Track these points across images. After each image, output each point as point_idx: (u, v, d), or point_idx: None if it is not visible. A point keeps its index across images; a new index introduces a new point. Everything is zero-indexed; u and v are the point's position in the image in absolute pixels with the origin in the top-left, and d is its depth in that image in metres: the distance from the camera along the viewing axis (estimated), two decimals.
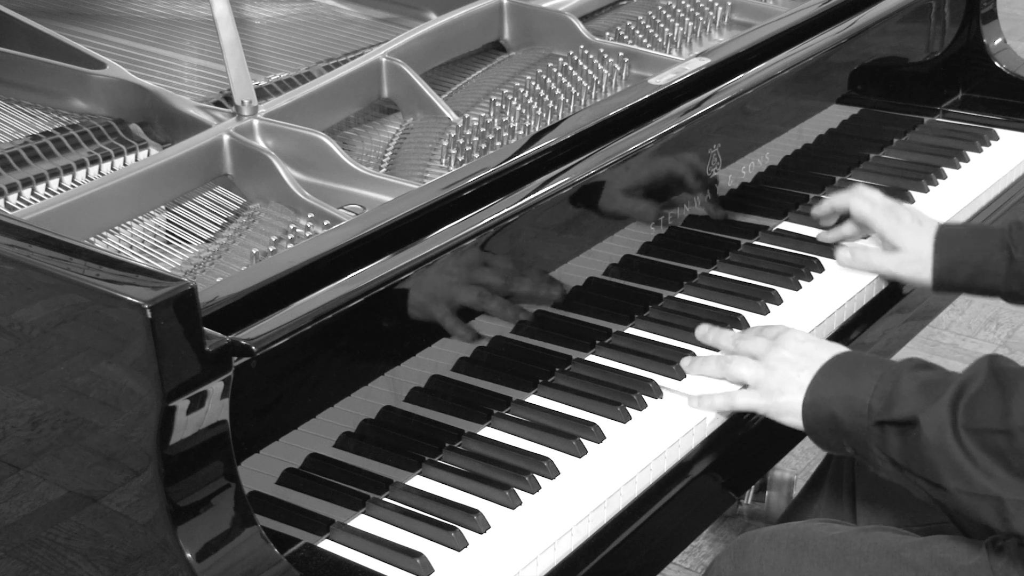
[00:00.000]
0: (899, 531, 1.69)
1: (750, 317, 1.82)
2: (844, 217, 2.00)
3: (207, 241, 1.65)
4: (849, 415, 1.54)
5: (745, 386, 1.65)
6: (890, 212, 1.92)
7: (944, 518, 1.83)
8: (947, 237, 1.88)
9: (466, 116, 1.90)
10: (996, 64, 2.44)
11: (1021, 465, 1.40)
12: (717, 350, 1.73)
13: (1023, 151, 2.32)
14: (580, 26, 2.11)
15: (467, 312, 1.60)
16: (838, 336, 1.86)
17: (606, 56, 2.05)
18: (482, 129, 1.85)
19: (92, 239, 1.60)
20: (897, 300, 1.96)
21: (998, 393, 1.44)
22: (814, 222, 2.05)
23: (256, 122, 1.76)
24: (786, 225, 2.07)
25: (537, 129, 1.87)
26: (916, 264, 1.88)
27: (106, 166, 1.77)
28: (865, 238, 1.99)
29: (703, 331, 1.75)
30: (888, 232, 1.90)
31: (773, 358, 1.63)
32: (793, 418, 1.60)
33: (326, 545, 1.44)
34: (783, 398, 1.60)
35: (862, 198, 1.94)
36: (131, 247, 1.61)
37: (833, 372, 1.58)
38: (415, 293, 1.52)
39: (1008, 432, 1.40)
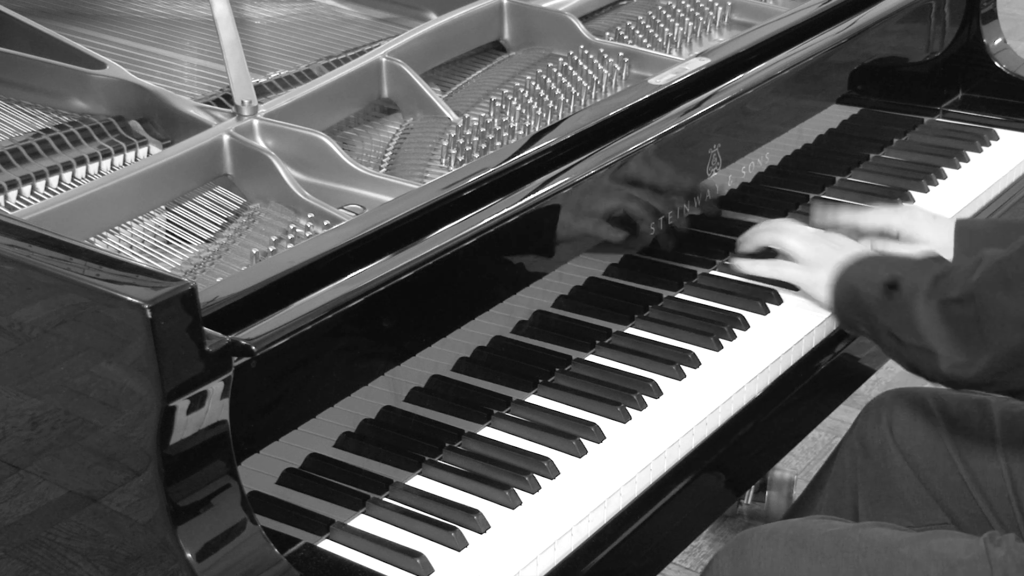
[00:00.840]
0: (897, 527, 1.69)
1: (750, 317, 1.82)
2: None
3: (207, 241, 1.65)
4: (866, 287, 1.72)
5: None
6: (902, 211, 1.96)
7: (944, 518, 1.83)
8: (967, 230, 1.90)
9: (466, 116, 1.90)
10: (996, 64, 2.44)
11: (964, 331, 1.58)
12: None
13: (1023, 151, 2.32)
14: (580, 26, 2.11)
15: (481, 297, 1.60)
16: (839, 335, 1.86)
17: (606, 56, 2.05)
18: (482, 129, 1.85)
19: (92, 239, 1.60)
20: None
21: (970, 269, 1.59)
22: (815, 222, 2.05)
23: (256, 122, 1.76)
24: None
25: (537, 129, 1.87)
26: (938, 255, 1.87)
27: (106, 163, 1.77)
28: None
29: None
30: (905, 228, 1.92)
31: (819, 241, 1.83)
32: (823, 291, 1.79)
33: (326, 545, 1.44)
34: (820, 272, 1.79)
35: (870, 212, 1.96)
36: (131, 247, 1.61)
37: (867, 258, 1.78)
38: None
39: (961, 300, 1.58)
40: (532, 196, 1.64)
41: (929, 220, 1.93)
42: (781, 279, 1.84)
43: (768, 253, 1.89)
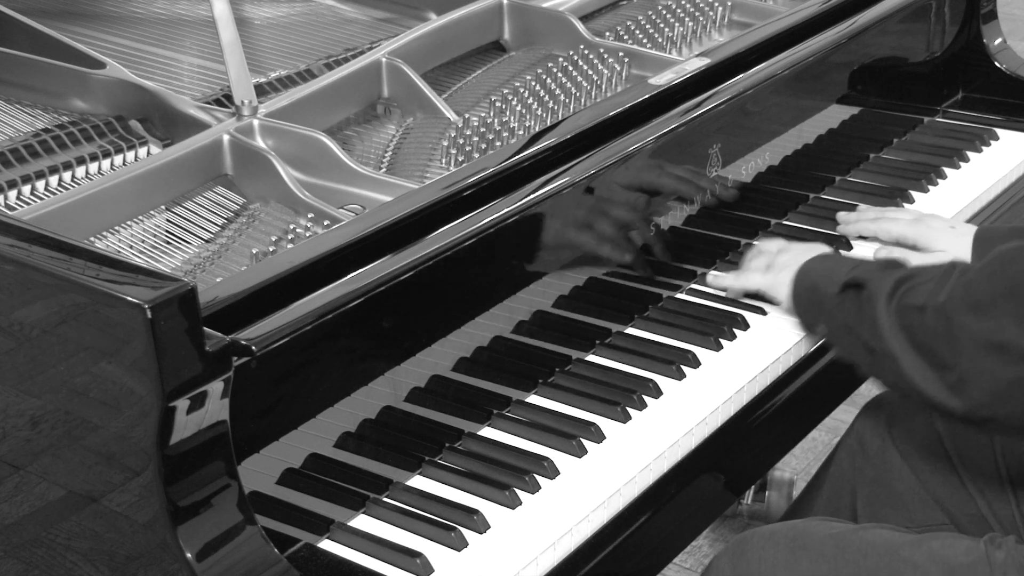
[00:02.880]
0: (897, 529, 1.69)
1: (750, 317, 1.82)
2: None
3: (207, 241, 1.65)
4: (826, 284, 1.69)
5: None
6: (919, 222, 1.95)
7: (944, 519, 1.83)
8: (985, 238, 1.87)
9: (466, 116, 1.90)
10: (996, 64, 2.44)
11: (921, 338, 1.53)
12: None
13: (1023, 151, 2.32)
14: (580, 26, 2.11)
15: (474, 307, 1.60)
16: None
17: (606, 56, 2.05)
18: (482, 129, 1.85)
19: (92, 239, 1.60)
20: None
21: (934, 277, 1.55)
22: (815, 222, 2.05)
23: (256, 122, 1.77)
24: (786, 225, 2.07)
25: (537, 129, 1.87)
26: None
27: (106, 163, 1.77)
28: None
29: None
30: (921, 239, 1.92)
31: (780, 257, 1.83)
32: (784, 290, 1.78)
33: (326, 545, 1.44)
34: (782, 274, 1.79)
35: (889, 220, 1.97)
36: (131, 247, 1.61)
37: (827, 256, 1.80)
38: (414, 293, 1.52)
39: (922, 308, 1.53)
40: (532, 196, 1.64)
41: (947, 231, 1.92)
42: (747, 287, 1.84)
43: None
